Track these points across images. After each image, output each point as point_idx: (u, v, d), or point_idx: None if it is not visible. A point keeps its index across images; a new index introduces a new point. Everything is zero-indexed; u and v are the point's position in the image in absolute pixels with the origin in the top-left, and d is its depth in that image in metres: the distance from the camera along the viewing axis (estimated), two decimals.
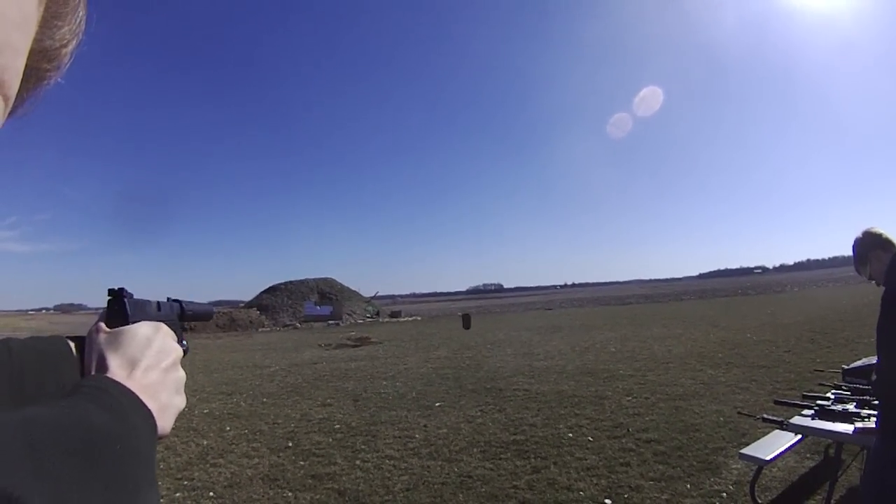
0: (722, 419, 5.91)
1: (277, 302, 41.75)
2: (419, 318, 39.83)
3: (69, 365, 0.56)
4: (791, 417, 3.81)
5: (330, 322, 37.36)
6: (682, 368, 9.39)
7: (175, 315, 0.69)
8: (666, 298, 46.31)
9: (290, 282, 45.24)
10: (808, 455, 4.59)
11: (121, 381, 0.47)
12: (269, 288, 44.89)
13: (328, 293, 43.64)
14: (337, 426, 6.80)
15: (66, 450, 0.34)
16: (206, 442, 6.33)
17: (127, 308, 0.59)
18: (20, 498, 0.28)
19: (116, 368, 0.50)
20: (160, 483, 0.43)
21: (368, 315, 41.21)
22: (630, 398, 7.34)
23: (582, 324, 22.30)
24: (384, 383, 9.96)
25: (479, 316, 39.15)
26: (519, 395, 7.98)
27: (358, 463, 5.27)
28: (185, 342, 0.66)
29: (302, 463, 5.40)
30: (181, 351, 0.59)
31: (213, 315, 0.83)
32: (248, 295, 47.14)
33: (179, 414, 0.54)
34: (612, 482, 4.36)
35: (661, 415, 6.32)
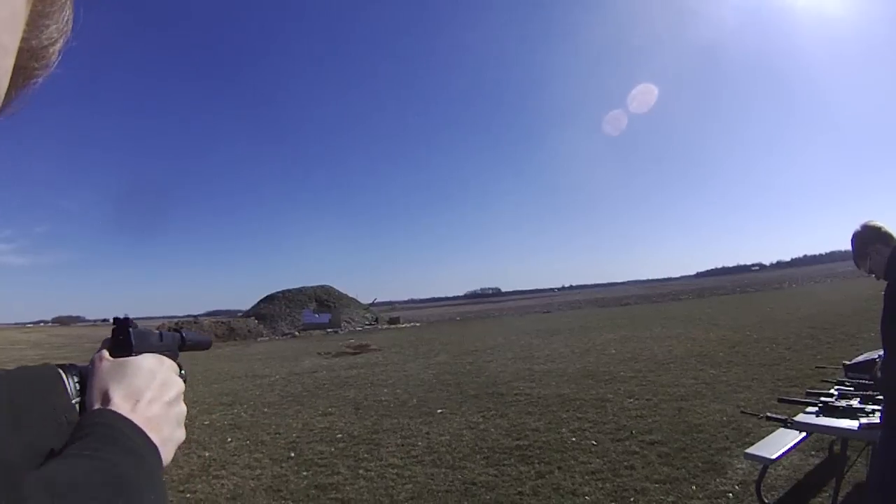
0: (725, 419, 5.90)
1: (276, 310, 41.59)
2: (418, 324, 39.72)
3: (59, 392, 0.55)
4: (795, 415, 3.81)
5: (329, 330, 37.25)
6: (683, 368, 9.38)
7: (175, 345, 0.69)
8: (664, 298, 46.34)
9: (288, 290, 45.09)
10: (813, 452, 4.57)
11: (125, 415, 0.48)
12: (267, 297, 44.73)
13: (326, 301, 43.51)
14: (339, 435, 6.77)
15: None
16: (208, 454, 6.28)
17: (132, 338, 0.58)
18: None
19: (120, 401, 0.51)
20: None
21: (367, 322, 41.13)
22: (632, 400, 7.32)
23: (581, 326, 22.28)
24: (385, 391, 9.93)
25: (478, 320, 39.11)
26: (520, 400, 7.96)
27: (361, 472, 5.24)
28: (184, 372, 0.67)
29: (304, 473, 5.36)
30: (183, 385, 0.61)
31: (211, 344, 0.85)
32: (247, 304, 46.92)
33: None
34: (618, 485, 4.34)
35: (664, 416, 6.31)
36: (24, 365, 0.56)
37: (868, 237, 2.61)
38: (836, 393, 3.93)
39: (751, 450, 3.89)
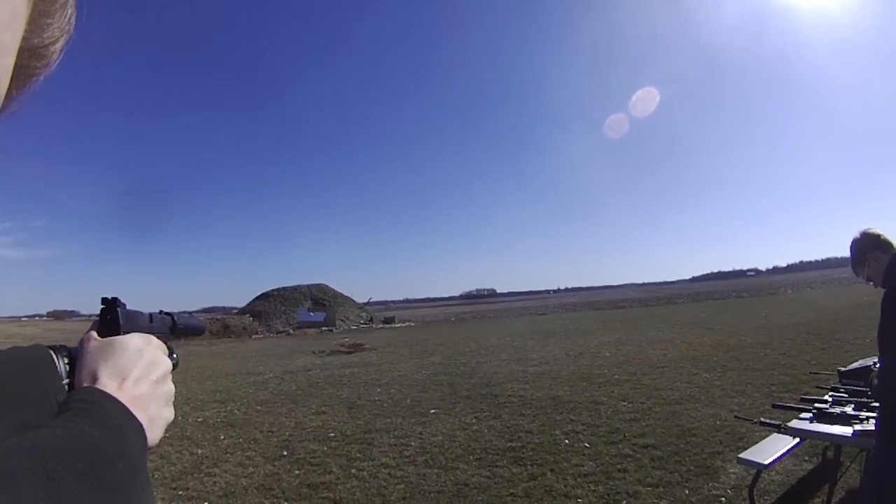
0: (719, 423, 5.90)
1: (271, 308, 41.50)
2: (413, 324, 39.69)
3: (50, 373, 0.54)
4: (788, 420, 3.80)
5: (323, 328, 37.19)
6: (678, 372, 9.39)
7: (167, 328, 0.69)
8: (659, 302, 46.41)
9: (284, 288, 45.00)
10: (807, 458, 4.58)
11: (111, 393, 0.47)
12: (263, 294, 44.63)
13: (321, 299, 43.43)
14: (332, 434, 6.74)
15: (78, 472, 0.36)
16: (201, 451, 6.25)
17: (119, 318, 0.58)
18: None
19: (107, 379, 0.50)
20: (154, 493, 0.43)
21: (362, 321, 41.07)
22: (626, 403, 7.32)
23: (576, 328, 22.30)
24: (378, 390, 9.90)
25: (473, 321, 39.11)
26: (514, 402, 7.95)
27: (353, 472, 5.22)
28: (176, 355, 0.67)
29: (297, 472, 5.34)
30: (171, 364, 0.60)
31: (205, 330, 0.84)
32: (242, 301, 46.83)
33: (174, 422, 0.55)
34: (610, 489, 4.34)
35: (658, 419, 6.31)
36: (16, 346, 0.56)
37: (867, 244, 2.60)
38: (831, 399, 3.92)
39: (744, 455, 3.88)
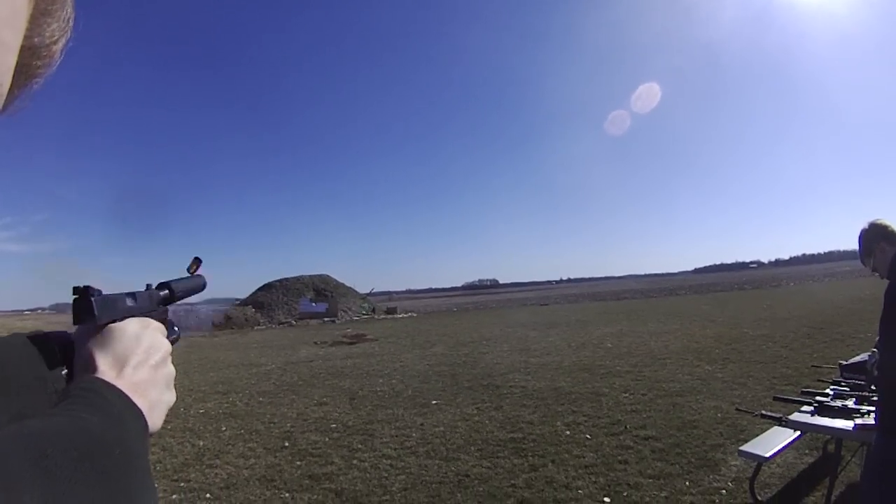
0: (720, 415, 5.91)
1: (273, 299, 41.59)
2: (415, 315, 39.76)
3: (48, 360, 0.53)
4: (790, 413, 3.80)
5: (325, 319, 37.29)
6: (679, 364, 9.39)
7: (156, 304, 0.64)
8: (662, 293, 46.37)
9: (286, 279, 45.06)
10: (808, 451, 4.58)
11: (111, 381, 0.47)
12: (265, 285, 44.70)
13: (323, 290, 43.48)
14: (333, 425, 6.77)
15: (74, 458, 0.36)
16: (203, 442, 6.28)
17: (94, 307, 0.54)
18: None
19: (106, 367, 0.50)
20: (156, 484, 0.43)
21: (364, 312, 41.16)
22: (627, 395, 7.33)
23: (578, 319, 22.31)
24: (380, 381, 9.94)
25: (475, 312, 39.15)
26: (515, 392, 7.97)
27: (355, 462, 5.24)
28: (177, 328, 0.65)
29: (299, 463, 5.37)
30: (170, 346, 0.59)
31: (206, 285, 0.81)
32: (244, 292, 46.80)
33: (176, 414, 0.55)
34: (611, 480, 4.35)
35: (659, 411, 6.31)
36: (15, 332, 0.56)
37: (874, 235, 2.59)
38: (832, 393, 3.92)
39: (745, 447, 3.89)
